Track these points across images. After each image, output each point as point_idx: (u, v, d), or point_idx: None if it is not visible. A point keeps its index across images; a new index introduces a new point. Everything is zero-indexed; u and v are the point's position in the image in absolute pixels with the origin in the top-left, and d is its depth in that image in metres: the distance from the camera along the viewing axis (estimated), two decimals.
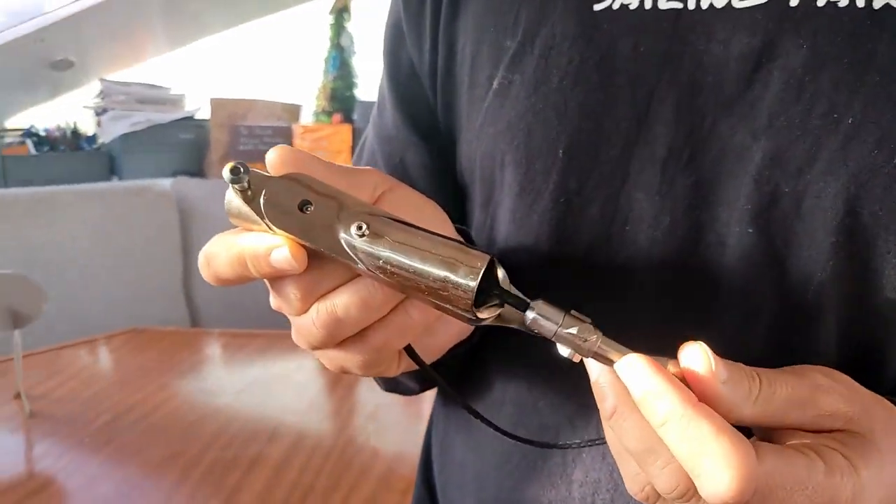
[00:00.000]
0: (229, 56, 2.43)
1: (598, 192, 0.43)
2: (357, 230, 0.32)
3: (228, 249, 0.34)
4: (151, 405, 1.15)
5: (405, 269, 0.32)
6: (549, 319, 0.32)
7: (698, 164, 0.40)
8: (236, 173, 0.32)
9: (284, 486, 0.93)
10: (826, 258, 0.38)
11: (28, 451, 1.03)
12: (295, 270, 0.33)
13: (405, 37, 0.52)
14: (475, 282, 0.32)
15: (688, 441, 0.28)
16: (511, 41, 0.45)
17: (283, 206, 0.33)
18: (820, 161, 0.37)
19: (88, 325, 1.65)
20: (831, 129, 0.36)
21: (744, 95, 0.38)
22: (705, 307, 0.41)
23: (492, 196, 0.48)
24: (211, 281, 0.36)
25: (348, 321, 0.35)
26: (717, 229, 0.40)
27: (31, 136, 2.06)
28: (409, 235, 0.33)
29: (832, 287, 0.38)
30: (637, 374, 0.30)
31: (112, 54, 2.34)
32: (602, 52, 0.42)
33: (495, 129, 0.46)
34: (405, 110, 0.54)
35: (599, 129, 0.42)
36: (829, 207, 0.37)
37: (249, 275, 0.34)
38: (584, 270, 0.44)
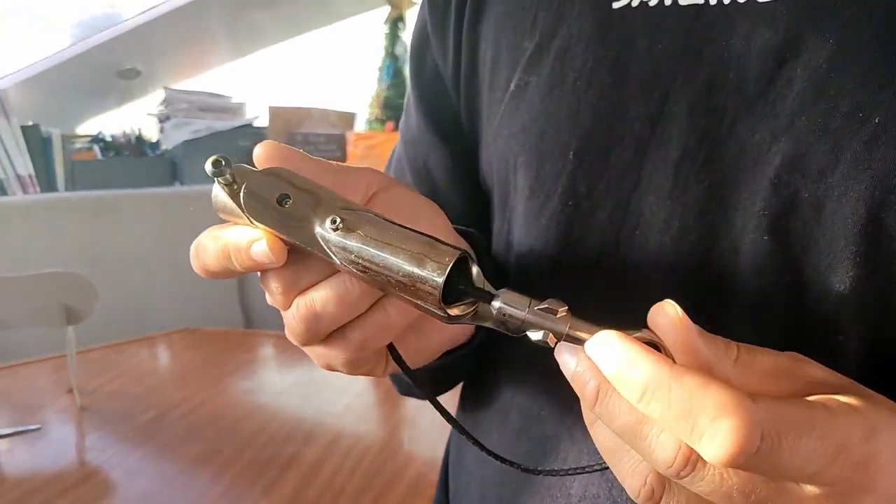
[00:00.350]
0: (288, 65, 2.48)
1: (608, 195, 0.41)
2: (331, 224, 0.32)
3: (215, 242, 0.35)
4: (196, 403, 1.18)
5: (375, 264, 0.32)
6: (515, 307, 0.31)
7: (714, 166, 0.38)
8: (218, 166, 0.33)
9: (316, 487, 0.94)
10: (847, 269, 0.35)
11: (79, 442, 1.07)
12: (274, 264, 0.33)
13: (430, 41, 0.52)
14: (442, 277, 0.31)
15: (675, 404, 0.26)
16: (529, 43, 0.44)
17: (262, 200, 0.34)
18: (842, 163, 0.34)
19: (147, 324, 1.71)
20: (856, 129, 0.34)
21: (765, 94, 0.36)
22: (715, 317, 0.39)
23: (507, 200, 0.48)
24: (200, 273, 0.36)
25: (326, 316, 0.35)
26: (731, 236, 0.38)
27: (98, 142, 2.15)
28: (381, 230, 0.32)
29: (853, 300, 0.35)
30: (607, 349, 0.28)
31: (177, 64, 2.43)
32: (617, 53, 0.41)
33: (510, 131, 0.45)
34: (429, 114, 0.55)
35: (611, 131, 0.41)
36: (851, 213, 0.34)
37: (234, 268, 0.35)
38: (592, 276, 0.43)
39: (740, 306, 0.38)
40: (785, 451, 0.25)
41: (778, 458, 0.25)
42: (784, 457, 0.25)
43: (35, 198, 1.87)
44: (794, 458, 0.25)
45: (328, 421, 1.14)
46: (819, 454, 0.26)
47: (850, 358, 0.37)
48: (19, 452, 1.01)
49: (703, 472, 0.27)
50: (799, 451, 0.25)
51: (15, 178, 1.85)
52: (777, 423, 0.25)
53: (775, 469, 0.26)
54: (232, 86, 2.44)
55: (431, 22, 0.51)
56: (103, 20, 2.03)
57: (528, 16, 0.44)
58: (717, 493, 0.27)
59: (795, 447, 0.25)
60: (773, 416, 0.25)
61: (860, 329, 0.36)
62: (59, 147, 1.94)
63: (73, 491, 0.92)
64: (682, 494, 0.29)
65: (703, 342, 0.29)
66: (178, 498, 0.92)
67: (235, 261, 0.34)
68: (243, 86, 2.45)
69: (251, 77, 2.47)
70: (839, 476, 0.26)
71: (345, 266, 0.33)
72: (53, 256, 1.72)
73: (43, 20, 2.08)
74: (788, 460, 0.25)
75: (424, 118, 0.55)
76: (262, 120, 2.40)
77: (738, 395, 0.25)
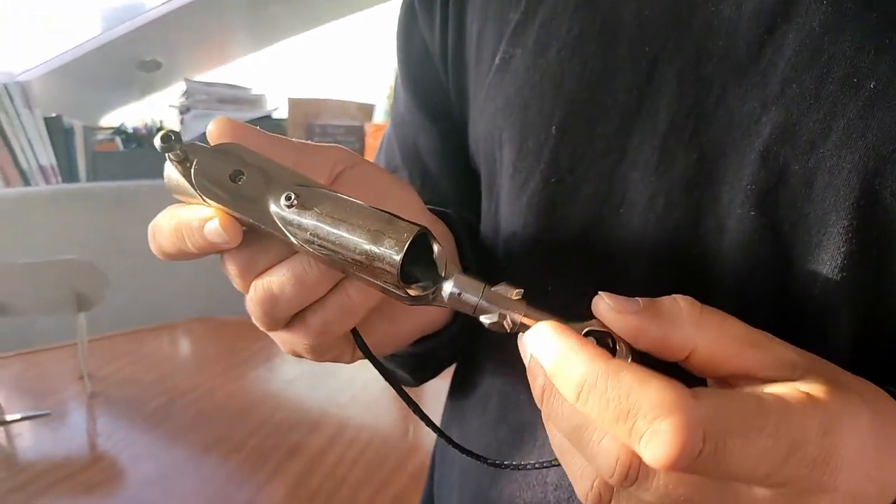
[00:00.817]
0: (307, 57, 2.49)
1: (592, 170, 0.40)
2: (286, 201, 0.31)
3: (169, 222, 0.33)
4: (205, 390, 1.19)
5: (331, 242, 0.30)
6: (468, 291, 0.30)
7: (701, 139, 0.36)
8: (167, 140, 0.31)
9: (318, 476, 0.94)
10: (838, 245, 0.33)
11: (89, 427, 1.08)
12: (228, 244, 0.32)
13: (417, 17, 0.51)
14: (399, 254, 0.30)
15: (613, 403, 0.24)
16: (514, 13, 0.43)
17: (214, 178, 0.32)
18: (835, 132, 0.32)
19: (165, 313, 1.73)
20: (850, 96, 0.32)
21: (755, 61, 0.34)
22: (700, 297, 0.38)
23: (494, 179, 0.46)
24: (157, 254, 0.35)
25: (283, 299, 0.33)
26: (717, 212, 0.36)
27: (120, 134, 2.18)
28: (337, 206, 0.31)
29: (845, 279, 0.33)
30: (543, 342, 0.27)
31: (197, 56, 2.44)
32: (603, 19, 0.39)
33: (494, 105, 0.44)
34: (417, 94, 0.54)
35: (596, 101, 0.39)
36: (844, 185, 0.32)
37: (188, 249, 0.33)
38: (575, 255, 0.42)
39: (726, 285, 0.37)
40: (731, 452, 0.23)
41: (724, 461, 0.23)
42: (731, 459, 0.23)
43: (57, 188, 1.90)
44: (743, 459, 0.23)
45: (334, 410, 1.14)
46: (771, 454, 0.24)
47: (842, 338, 0.35)
48: (29, 437, 1.02)
49: (649, 482, 0.25)
50: (747, 452, 0.23)
51: (37, 168, 1.88)
52: (722, 422, 0.23)
53: (723, 472, 0.24)
54: (251, 77, 2.45)
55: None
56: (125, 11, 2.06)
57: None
58: (664, 502, 0.25)
59: (743, 448, 0.23)
60: (717, 414, 0.23)
61: (852, 308, 0.34)
62: (81, 138, 1.96)
63: (81, 474, 0.93)
64: (630, 501, 0.27)
65: (651, 317, 0.27)
66: (184, 482, 0.93)
67: (189, 241, 0.33)
68: (263, 77, 2.46)
69: (270, 69, 2.48)
70: (795, 475, 0.24)
71: (301, 245, 0.31)
72: (74, 245, 1.75)
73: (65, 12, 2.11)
74: (737, 462, 0.23)
75: (413, 99, 0.54)
76: (281, 111, 2.40)
77: (678, 392, 0.23)
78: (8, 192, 1.80)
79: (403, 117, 0.55)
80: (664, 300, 0.29)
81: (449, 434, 0.56)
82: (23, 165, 1.86)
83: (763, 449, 0.24)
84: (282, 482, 0.93)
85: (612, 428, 0.24)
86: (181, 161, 0.32)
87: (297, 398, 1.21)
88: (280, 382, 1.26)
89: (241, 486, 0.92)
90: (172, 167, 0.32)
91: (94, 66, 2.09)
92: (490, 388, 0.48)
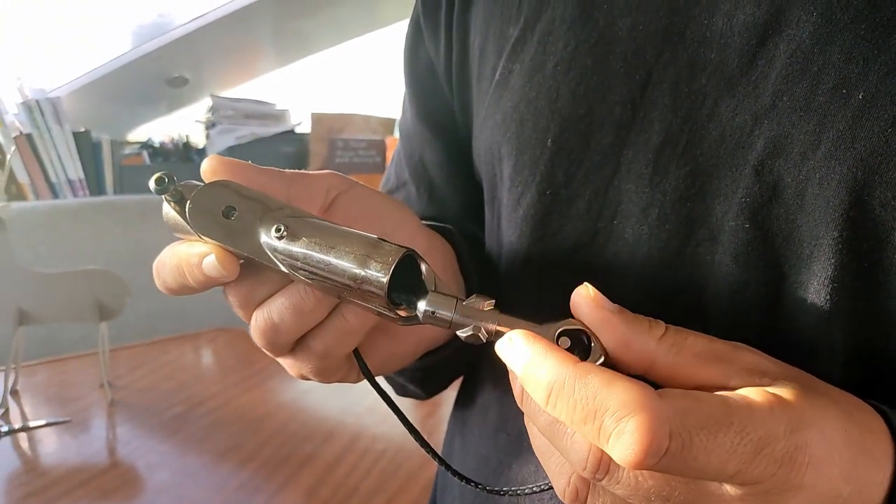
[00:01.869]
0: (330, 72, 2.52)
1: (587, 184, 0.40)
2: (276, 233, 0.32)
3: (170, 259, 0.35)
4: (222, 400, 1.21)
5: (321, 269, 0.31)
6: (440, 309, 0.31)
7: (695, 152, 0.36)
8: (161, 183, 0.32)
9: (330, 486, 0.95)
10: (828, 256, 0.33)
11: (108, 435, 1.10)
12: (226, 278, 0.33)
13: (423, 34, 0.52)
14: (386, 276, 0.30)
15: (581, 404, 0.25)
16: (514, 29, 0.43)
17: (207, 214, 0.33)
18: (825, 143, 0.32)
19: (187, 323, 1.76)
20: (839, 106, 0.32)
21: (747, 73, 0.35)
22: (693, 308, 0.38)
23: (494, 193, 0.47)
24: (162, 289, 0.36)
25: (284, 327, 0.34)
26: (710, 224, 0.36)
27: (147, 148, 2.23)
28: (325, 234, 0.32)
29: (837, 290, 0.33)
30: (513, 349, 0.28)
31: (223, 72, 2.49)
32: (599, 34, 0.39)
33: (494, 121, 0.44)
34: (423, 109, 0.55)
35: (591, 115, 0.39)
36: (833, 196, 0.32)
37: (189, 284, 0.34)
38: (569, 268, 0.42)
39: (719, 296, 0.37)
40: (698, 450, 0.24)
41: (692, 458, 0.24)
42: (699, 456, 0.24)
43: (84, 201, 1.94)
44: (711, 457, 0.24)
45: (349, 421, 1.15)
46: (737, 451, 0.24)
47: (834, 351, 0.35)
48: (51, 443, 1.04)
49: (619, 475, 0.26)
50: (715, 450, 0.24)
51: (66, 181, 1.92)
52: (688, 420, 0.24)
53: (691, 469, 0.24)
54: (276, 93, 2.49)
55: (424, 13, 0.51)
56: (153, 29, 2.10)
57: (514, 1, 0.44)
58: (636, 497, 0.26)
59: (710, 445, 0.24)
60: (683, 412, 0.24)
61: (844, 320, 0.34)
62: (109, 152, 2.01)
63: (98, 479, 0.94)
64: (605, 496, 0.28)
65: (623, 319, 0.28)
66: (198, 489, 0.94)
67: (189, 277, 0.34)
68: (287, 93, 2.50)
69: (294, 84, 2.52)
70: (763, 473, 0.24)
71: (294, 273, 0.32)
72: (100, 256, 1.79)
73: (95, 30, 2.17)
74: (704, 460, 0.24)
75: (419, 114, 0.55)
76: (304, 126, 2.44)
77: (643, 392, 0.24)
78: (37, 205, 1.84)
79: (410, 132, 0.56)
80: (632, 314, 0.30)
81: (451, 441, 0.57)
82: (52, 179, 1.91)
83: (729, 446, 0.24)
84: (294, 491, 0.93)
85: (582, 429, 0.25)
86: (177, 200, 0.33)
87: (312, 408, 1.21)
88: (296, 392, 1.27)
89: (254, 494, 0.93)
90: (169, 207, 0.34)
91: (122, 82, 2.14)
92: (489, 398, 0.49)
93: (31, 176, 1.87)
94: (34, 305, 1.12)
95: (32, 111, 1.84)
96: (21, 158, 1.83)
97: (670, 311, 0.38)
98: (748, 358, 0.29)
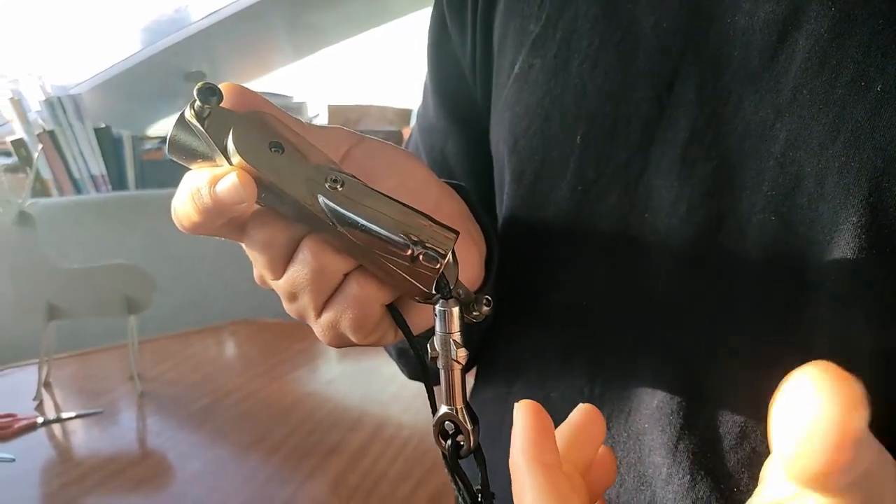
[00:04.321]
0: (347, 64, 2.53)
1: (617, 179, 0.41)
2: (332, 183, 0.30)
3: (184, 186, 0.31)
4: (248, 391, 1.23)
5: (374, 234, 0.30)
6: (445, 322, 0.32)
7: (720, 147, 0.37)
8: (212, 94, 0.29)
9: (358, 473, 0.96)
10: (849, 242, 0.34)
11: (138, 426, 1.12)
12: (243, 201, 0.29)
13: (448, 29, 0.53)
14: (443, 260, 0.31)
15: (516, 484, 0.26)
16: (535, 25, 0.44)
17: (253, 143, 0.30)
18: (843, 133, 0.33)
19: (210, 315, 1.78)
20: (858, 98, 0.33)
21: (769, 68, 0.36)
22: (723, 298, 0.39)
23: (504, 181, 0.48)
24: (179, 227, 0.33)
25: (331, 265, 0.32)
26: (737, 216, 0.37)
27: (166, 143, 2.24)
28: (380, 201, 0.31)
29: (858, 275, 0.34)
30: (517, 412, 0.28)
31: (240, 66, 2.51)
32: (623, 33, 0.40)
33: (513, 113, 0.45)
34: (446, 102, 0.55)
35: (618, 113, 0.40)
36: (853, 184, 0.33)
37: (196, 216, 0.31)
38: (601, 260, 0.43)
39: (746, 285, 0.38)
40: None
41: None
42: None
43: (106, 196, 1.96)
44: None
45: (374, 409, 1.16)
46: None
47: (858, 339, 0.35)
48: (83, 434, 1.06)
49: None
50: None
51: (88, 177, 1.95)
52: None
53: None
54: (293, 86, 2.50)
55: (449, 8, 0.52)
56: (170, 25, 2.12)
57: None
58: None
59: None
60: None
61: (867, 305, 0.35)
62: (130, 148, 2.03)
63: (130, 469, 0.97)
64: None
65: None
66: (227, 479, 0.96)
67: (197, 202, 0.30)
68: (303, 85, 2.51)
69: (311, 77, 2.53)
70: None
71: (342, 231, 0.31)
72: (123, 251, 1.81)
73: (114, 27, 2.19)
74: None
75: (442, 106, 0.56)
76: (321, 118, 2.45)
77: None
78: (61, 201, 1.87)
79: (432, 124, 0.57)
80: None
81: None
82: (75, 175, 1.93)
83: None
84: (322, 479, 0.95)
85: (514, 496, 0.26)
86: (201, 119, 0.30)
87: (337, 397, 1.23)
88: (320, 383, 1.29)
89: (282, 483, 0.94)
90: (196, 124, 0.30)
91: (141, 78, 2.16)
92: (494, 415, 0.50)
93: (55, 172, 1.90)
94: (64, 300, 1.14)
95: (54, 108, 1.87)
96: (44, 155, 1.86)
97: (700, 303, 0.39)
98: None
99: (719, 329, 0.39)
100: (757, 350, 0.37)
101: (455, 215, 0.41)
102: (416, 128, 0.61)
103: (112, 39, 2.17)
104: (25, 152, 1.83)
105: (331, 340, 0.36)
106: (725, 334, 0.38)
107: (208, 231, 0.33)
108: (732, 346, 0.38)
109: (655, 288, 0.41)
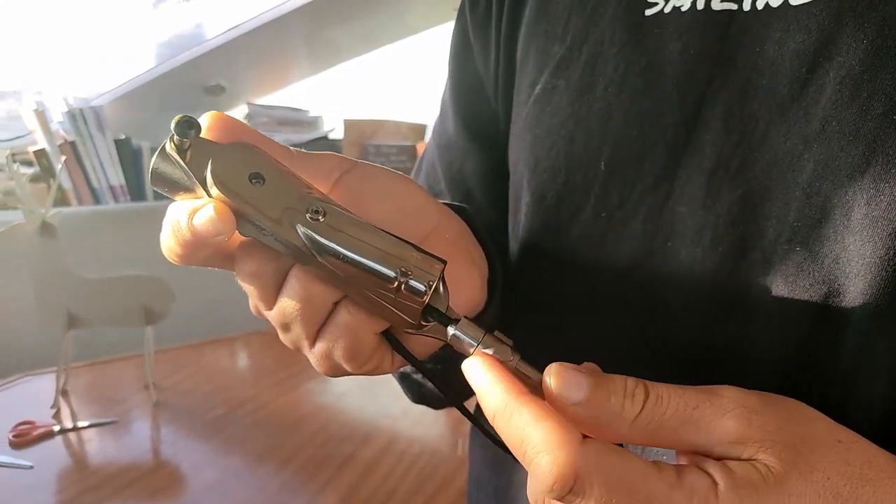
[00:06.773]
0: (362, 79, 2.56)
1: (641, 206, 0.41)
2: (312, 214, 0.30)
3: (167, 217, 0.32)
4: (261, 401, 1.24)
5: (355, 265, 0.30)
6: (469, 337, 0.31)
7: (747, 175, 0.37)
8: (185, 127, 0.29)
9: (369, 487, 0.97)
10: (875, 275, 0.33)
11: (153, 435, 1.13)
12: (221, 234, 0.30)
13: (471, 47, 0.53)
14: (428, 291, 0.30)
15: (513, 432, 0.27)
16: (559, 47, 0.44)
17: (233, 174, 0.30)
18: (873, 166, 0.33)
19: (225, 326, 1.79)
20: (889, 132, 0.32)
21: (798, 99, 0.35)
22: (745, 329, 0.38)
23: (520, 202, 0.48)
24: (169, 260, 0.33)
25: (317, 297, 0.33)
26: (762, 246, 0.37)
27: None
28: (363, 231, 0.31)
29: (883, 309, 0.33)
30: (474, 372, 0.30)
31: (258, 80, 2.53)
32: (650, 58, 0.40)
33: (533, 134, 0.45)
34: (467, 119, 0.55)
35: (644, 138, 0.40)
36: (882, 217, 0.33)
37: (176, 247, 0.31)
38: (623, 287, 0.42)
39: (769, 316, 0.37)
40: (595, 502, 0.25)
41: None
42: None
43: (125, 206, 1.99)
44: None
45: (385, 423, 1.17)
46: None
47: (881, 371, 0.34)
48: (98, 443, 1.08)
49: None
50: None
51: (108, 188, 1.97)
52: (599, 473, 0.25)
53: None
54: (309, 100, 2.53)
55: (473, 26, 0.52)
56: (190, 39, 2.15)
57: (560, 20, 0.44)
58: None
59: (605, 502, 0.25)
60: (598, 464, 0.25)
61: (890, 342, 0.34)
62: (149, 159, 2.06)
63: (145, 479, 0.98)
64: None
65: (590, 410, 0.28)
66: (240, 490, 0.97)
67: (176, 235, 0.31)
68: (320, 100, 2.54)
69: (327, 91, 2.56)
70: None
71: (323, 263, 0.31)
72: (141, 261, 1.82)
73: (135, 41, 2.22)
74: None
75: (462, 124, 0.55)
76: (337, 132, 2.47)
77: (564, 435, 0.26)
78: (80, 210, 1.89)
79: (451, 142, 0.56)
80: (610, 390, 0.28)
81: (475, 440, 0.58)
82: (94, 185, 1.96)
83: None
84: (334, 492, 0.95)
85: (514, 450, 0.28)
86: (181, 152, 0.30)
87: (349, 410, 1.24)
88: (332, 395, 1.30)
89: (295, 493, 0.95)
90: (174, 154, 0.30)
91: (161, 91, 2.19)
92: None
93: (75, 182, 1.93)
94: (83, 310, 1.16)
95: (76, 119, 1.90)
96: (65, 165, 1.88)
97: (721, 333, 0.39)
98: (729, 426, 0.28)
99: (737, 364, 0.39)
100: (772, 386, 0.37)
101: (456, 237, 0.41)
102: (431, 143, 0.61)
103: (133, 53, 2.21)
104: (47, 162, 1.86)
105: (327, 370, 0.37)
106: (745, 364, 0.38)
107: (196, 262, 0.33)
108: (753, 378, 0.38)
109: (674, 318, 0.41)
